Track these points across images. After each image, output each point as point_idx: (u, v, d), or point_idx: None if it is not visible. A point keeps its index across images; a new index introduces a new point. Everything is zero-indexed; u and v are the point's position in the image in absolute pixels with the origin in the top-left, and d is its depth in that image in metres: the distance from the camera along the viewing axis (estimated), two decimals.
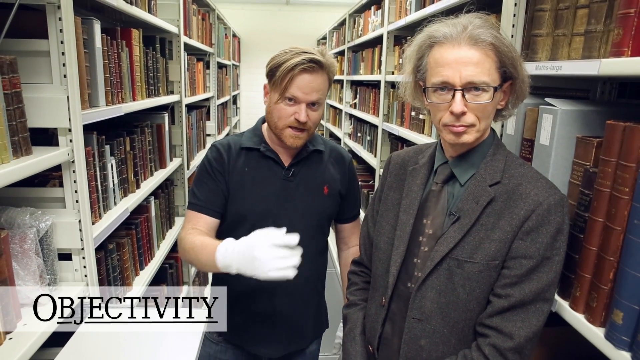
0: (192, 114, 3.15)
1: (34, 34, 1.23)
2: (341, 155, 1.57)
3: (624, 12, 0.91)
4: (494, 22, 1.01)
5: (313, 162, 1.49)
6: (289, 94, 1.33)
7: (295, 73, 1.31)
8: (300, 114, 1.34)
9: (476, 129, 1.00)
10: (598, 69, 0.94)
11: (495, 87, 0.97)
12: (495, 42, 0.97)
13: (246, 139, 1.48)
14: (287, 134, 1.37)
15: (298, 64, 1.30)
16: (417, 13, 2.46)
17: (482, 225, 1.00)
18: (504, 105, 1.05)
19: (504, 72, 1.00)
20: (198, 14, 3.53)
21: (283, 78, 1.32)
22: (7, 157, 1.06)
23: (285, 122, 1.36)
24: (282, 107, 1.35)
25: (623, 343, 0.86)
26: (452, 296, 1.02)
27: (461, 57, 0.97)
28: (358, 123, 4.40)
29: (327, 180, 1.49)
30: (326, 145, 1.55)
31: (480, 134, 1.02)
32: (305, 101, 1.34)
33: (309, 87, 1.33)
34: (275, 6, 7.95)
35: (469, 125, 0.99)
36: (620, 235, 0.89)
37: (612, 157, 0.90)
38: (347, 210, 1.59)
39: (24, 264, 1.17)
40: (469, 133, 1.00)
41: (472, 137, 1.01)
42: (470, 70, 0.96)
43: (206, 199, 1.45)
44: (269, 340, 1.50)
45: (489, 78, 0.97)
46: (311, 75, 1.32)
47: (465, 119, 0.98)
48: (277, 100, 1.35)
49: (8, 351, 1.02)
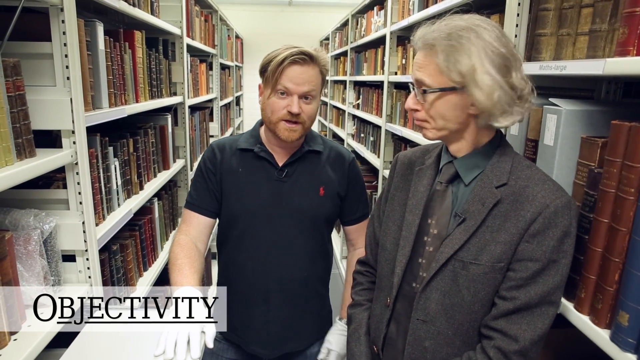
0: (195, 115, 3.15)
1: (37, 37, 1.23)
2: (340, 155, 1.54)
3: (629, 11, 0.90)
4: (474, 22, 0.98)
5: (309, 162, 1.48)
6: (280, 86, 1.33)
7: (286, 65, 1.32)
8: (292, 105, 1.34)
9: (432, 126, 1.05)
10: (603, 69, 0.93)
11: (435, 89, 0.99)
12: (435, 43, 0.98)
13: (243, 140, 1.49)
14: (281, 128, 1.37)
15: (288, 56, 1.31)
16: (420, 13, 2.45)
17: (488, 227, 1.00)
18: (476, 112, 1.00)
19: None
20: (201, 15, 3.54)
21: (274, 72, 1.33)
22: (11, 159, 1.06)
23: (278, 116, 1.36)
24: (275, 100, 1.36)
25: (629, 345, 0.85)
26: (456, 298, 1.01)
27: (416, 59, 1.05)
28: (361, 124, 4.40)
29: (323, 182, 1.48)
30: (325, 146, 1.53)
31: (442, 132, 1.05)
32: (296, 92, 1.34)
33: (299, 78, 1.33)
34: (277, 7, 7.95)
35: (422, 120, 1.06)
36: (625, 237, 0.88)
37: (617, 158, 0.90)
38: (349, 211, 1.56)
39: (28, 265, 1.17)
40: (425, 128, 1.07)
41: (430, 133, 1.06)
42: (418, 71, 1.03)
43: (200, 198, 1.47)
44: (264, 341, 1.50)
45: (429, 79, 1.00)
46: (302, 67, 1.33)
47: (417, 115, 1.07)
48: (270, 95, 1.36)
49: (13, 352, 1.02)
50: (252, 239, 1.45)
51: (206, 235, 1.48)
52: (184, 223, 1.47)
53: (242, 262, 1.47)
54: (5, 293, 1.04)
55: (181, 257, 1.31)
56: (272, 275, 1.46)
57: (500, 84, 0.95)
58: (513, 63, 0.97)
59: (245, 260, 1.47)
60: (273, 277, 1.46)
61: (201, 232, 1.46)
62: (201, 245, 1.44)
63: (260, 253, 1.45)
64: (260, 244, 1.45)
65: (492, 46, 0.95)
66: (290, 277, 1.47)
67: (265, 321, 1.48)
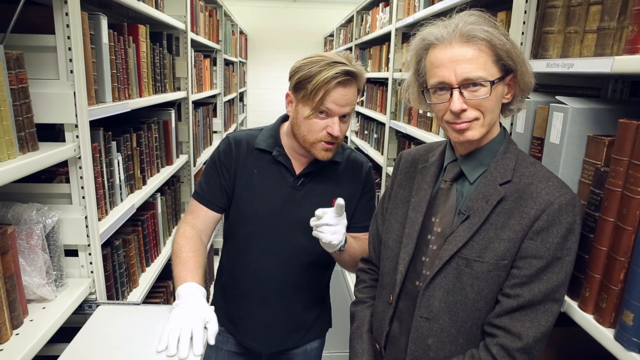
0: (198, 111, 3.15)
1: (40, 29, 1.23)
2: (358, 163, 1.50)
3: (639, 9, 0.89)
4: (487, 17, 0.99)
5: (325, 173, 1.45)
6: (323, 107, 1.28)
7: (331, 87, 1.26)
8: (333, 127, 1.30)
9: (480, 123, 1.00)
10: (611, 67, 0.92)
11: (493, 80, 0.97)
12: (487, 37, 0.96)
13: (262, 139, 1.45)
14: (319, 148, 1.34)
15: (334, 78, 1.25)
16: (426, 10, 2.44)
17: (492, 225, 0.99)
18: (510, 99, 1.04)
19: (503, 66, 0.99)
20: (205, 10, 3.53)
21: (317, 92, 1.26)
22: (13, 153, 1.06)
23: (317, 137, 1.32)
24: (315, 121, 1.31)
25: (633, 344, 0.85)
26: (460, 295, 1.01)
27: (454, 55, 0.97)
28: (365, 121, 4.39)
29: (337, 194, 1.40)
30: (344, 155, 1.49)
31: (486, 128, 1.01)
32: (339, 114, 1.30)
33: (343, 99, 1.28)
34: (282, 3, 7.94)
35: (472, 120, 0.99)
36: (631, 236, 0.87)
37: (624, 156, 0.89)
38: (358, 218, 1.49)
39: (30, 259, 1.17)
40: (473, 128, 1.00)
41: (477, 132, 1.00)
42: (464, 67, 0.96)
43: (211, 192, 1.45)
44: (261, 337, 1.50)
45: (486, 72, 0.97)
46: (345, 88, 1.28)
47: (466, 115, 0.99)
48: (309, 115, 1.30)
49: (15, 346, 1.02)
50: (259, 242, 1.44)
51: (211, 230, 1.47)
52: (191, 214, 1.45)
53: (245, 262, 1.47)
54: (7, 287, 1.04)
55: (186, 250, 1.31)
56: (275, 278, 1.45)
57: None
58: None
59: (249, 261, 1.46)
60: (275, 280, 1.45)
61: (207, 226, 1.45)
62: (205, 239, 1.43)
63: (265, 257, 1.44)
64: (266, 248, 1.44)
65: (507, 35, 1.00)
66: (293, 280, 1.46)
67: (263, 318, 1.48)
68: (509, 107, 1.06)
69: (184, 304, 1.12)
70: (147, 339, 1.09)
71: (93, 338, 1.11)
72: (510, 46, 0.98)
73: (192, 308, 1.11)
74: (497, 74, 0.98)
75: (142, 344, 1.07)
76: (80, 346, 1.07)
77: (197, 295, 1.16)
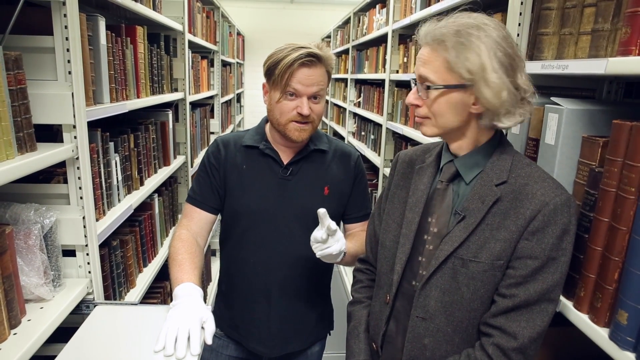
0: (196, 112, 3.15)
1: (39, 31, 1.23)
2: (347, 153, 1.54)
3: (632, 11, 0.90)
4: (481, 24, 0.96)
5: (314, 161, 1.48)
6: (290, 88, 1.34)
7: (295, 68, 1.32)
8: (302, 107, 1.34)
9: (432, 123, 1.04)
10: (605, 68, 0.93)
11: (440, 85, 0.99)
12: (444, 39, 0.97)
13: (248, 137, 1.49)
14: (291, 128, 1.37)
15: (296, 59, 1.31)
16: (422, 11, 2.45)
17: (488, 225, 1.00)
18: (479, 111, 1.00)
19: (462, 76, 0.97)
20: (202, 11, 3.53)
21: (283, 74, 1.32)
22: (11, 153, 1.06)
23: (288, 117, 1.36)
24: (284, 102, 1.36)
25: (627, 343, 0.85)
26: (456, 295, 1.02)
27: (420, 54, 1.04)
28: (362, 122, 4.40)
29: (328, 181, 1.47)
30: (331, 145, 1.53)
31: (439, 130, 1.05)
32: (306, 94, 1.34)
33: (308, 79, 1.33)
34: (279, 4, 7.95)
35: (423, 117, 1.06)
36: (625, 236, 0.88)
37: (618, 157, 0.90)
38: (353, 209, 1.55)
39: (28, 259, 1.17)
40: (425, 125, 1.06)
41: (428, 129, 1.06)
42: (422, 67, 1.02)
43: (202, 194, 1.47)
44: (265, 339, 1.50)
45: (435, 76, 0.99)
46: (310, 68, 1.33)
47: (418, 110, 1.06)
48: (280, 98, 1.36)
49: (13, 346, 1.02)
50: (255, 237, 1.45)
51: (207, 231, 1.48)
52: (185, 217, 1.47)
53: (244, 260, 1.47)
54: (5, 287, 1.04)
55: (182, 252, 1.32)
56: (274, 274, 1.46)
57: (507, 84, 0.95)
58: (518, 64, 0.98)
59: (247, 258, 1.47)
60: (275, 276, 1.46)
61: (202, 228, 1.46)
62: (201, 241, 1.44)
63: (263, 251, 1.45)
64: (262, 242, 1.45)
65: (500, 46, 0.95)
66: (292, 275, 1.47)
67: (266, 319, 1.48)
68: (482, 120, 1.01)
69: (181, 304, 1.13)
70: (144, 339, 1.09)
71: (90, 338, 1.11)
72: (477, 57, 0.94)
73: (189, 308, 1.11)
74: (452, 81, 0.98)
75: (140, 344, 1.08)
76: (78, 346, 1.08)
77: (194, 295, 1.16)
